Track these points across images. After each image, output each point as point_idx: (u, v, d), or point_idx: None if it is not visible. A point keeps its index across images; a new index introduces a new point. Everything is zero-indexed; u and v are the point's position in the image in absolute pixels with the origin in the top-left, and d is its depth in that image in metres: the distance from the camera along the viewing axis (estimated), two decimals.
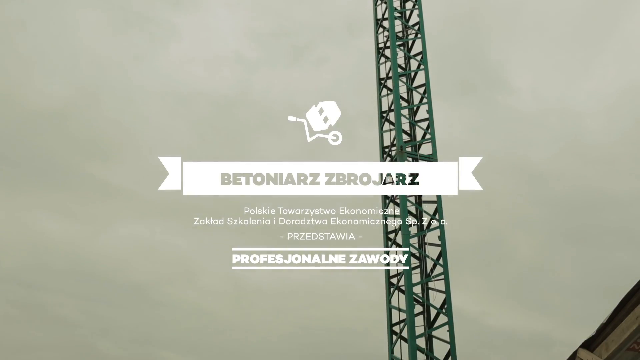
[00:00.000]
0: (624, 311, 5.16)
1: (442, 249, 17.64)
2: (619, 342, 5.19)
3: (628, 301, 5.11)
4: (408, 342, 16.83)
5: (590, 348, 5.45)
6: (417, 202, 18.45)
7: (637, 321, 4.98)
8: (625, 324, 5.11)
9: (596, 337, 5.41)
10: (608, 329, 5.31)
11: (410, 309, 17.04)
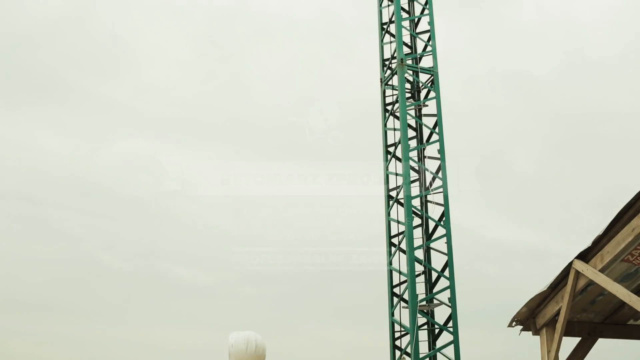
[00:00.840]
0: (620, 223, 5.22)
1: (442, 162, 17.68)
2: (614, 253, 5.28)
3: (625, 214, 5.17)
4: (406, 253, 17.12)
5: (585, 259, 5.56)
6: (417, 115, 18.38)
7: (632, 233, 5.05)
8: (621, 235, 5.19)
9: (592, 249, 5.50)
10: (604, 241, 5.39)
11: (409, 221, 17.24)
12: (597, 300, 6.21)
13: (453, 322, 16.64)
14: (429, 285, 17.50)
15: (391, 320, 17.41)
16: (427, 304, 17.02)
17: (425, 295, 17.24)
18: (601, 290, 5.89)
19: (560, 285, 5.98)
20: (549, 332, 6.15)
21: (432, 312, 17.26)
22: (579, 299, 6.09)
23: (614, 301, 6.24)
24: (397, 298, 17.41)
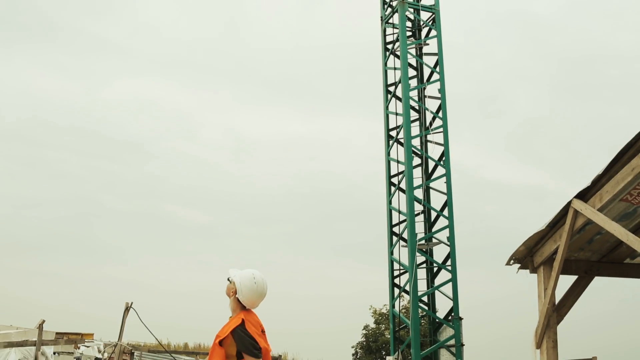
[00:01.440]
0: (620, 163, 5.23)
1: (442, 101, 17.59)
2: (613, 192, 5.30)
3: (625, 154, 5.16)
4: (406, 193, 17.21)
5: (584, 199, 5.58)
6: (417, 54, 18.19)
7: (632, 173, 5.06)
8: (621, 175, 5.20)
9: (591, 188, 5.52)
10: (603, 181, 5.41)
11: (409, 161, 17.26)
12: (594, 239, 6.27)
13: (451, 261, 16.85)
14: (428, 225, 17.65)
15: (390, 258, 17.63)
16: (426, 243, 17.20)
17: (424, 234, 17.40)
18: (599, 229, 5.94)
19: (558, 225, 6.02)
20: (546, 270, 6.22)
21: (431, 251, 17.46)
22: (577, 238, 6.14)
23: (611, 240, 6.30)
24: (397, 237, 17.57)
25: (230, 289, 4.94)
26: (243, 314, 4.87)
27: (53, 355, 17.36)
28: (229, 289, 4.95)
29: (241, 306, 4.90)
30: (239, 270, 4.97)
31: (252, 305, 4.94)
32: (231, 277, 4.95)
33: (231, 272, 4.98)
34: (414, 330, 16.08)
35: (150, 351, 22.57)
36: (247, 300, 4.91)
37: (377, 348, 38.23)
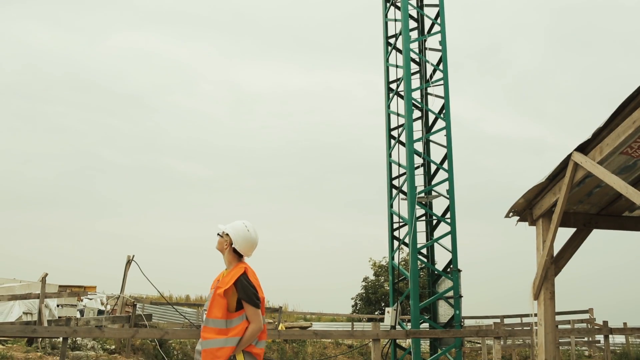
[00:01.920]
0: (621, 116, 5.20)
1: (443, 54, 17.44)
2: (614, 145, 5.29)
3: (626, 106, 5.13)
4: (406, 146, 17.20)
5: (584, 151, 5.57)
6: (418, 5, 17.94)
7: (633, 125, 5.04)
8: (622, 128, 5.18)
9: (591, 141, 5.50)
10: (604, 133, 5.39)
11: (409, 113, 17.21)
12: (593, 192, 6.28)
13: (451, 214, 16.95)
14: (427, 178, 17.70)
15: (390, 211, 17.73)
16: (425, 196, 17.27)
17: (423, 187, 17.46)
18: (598, 182, 5.95)
19: (558, 177, 6.02)
20: (545, 222, 6.25)
21: (431, 204, 17.54)
22: (576, 191, 6.16)
23: (611, 193, 6.31)
24: (396, 190, 17.64)
25: (222, 243, 4.99)
26: (244, 264, 4.93)
27: (57, 308, 17.60)
28: (221, 243, 5.01)
29: (237, 257, 4.97)
30: (227, 224, 5.05)
31: (247, 254, 5.02)
32: (224, 230, 5.01)
33: (220, 226, 5.04)
34: (413, 282, 16.27)
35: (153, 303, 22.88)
36: (243, 249, 4.97)
37: (376, 300, 38.82)
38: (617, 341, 24.85)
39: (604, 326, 14.17)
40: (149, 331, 12.01)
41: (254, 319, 4.69)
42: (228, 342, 4.57)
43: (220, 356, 4.53)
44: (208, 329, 4.63)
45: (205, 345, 4.58)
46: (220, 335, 4.59)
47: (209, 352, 4.56)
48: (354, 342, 23.63)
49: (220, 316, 4.62)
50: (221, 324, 4.62)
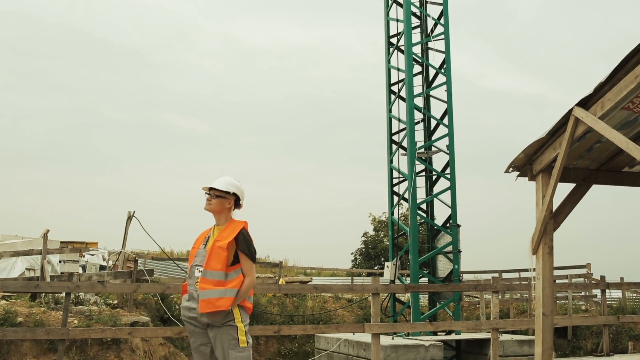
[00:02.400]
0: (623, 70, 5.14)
1: (444, 7, 17.21)
2: (615, 100, 5.25)
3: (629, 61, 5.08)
4: (406, 101, 17.12)
5: (585, 107, 5.53)
6: None
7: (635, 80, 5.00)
8: (624, 83, 5.13)
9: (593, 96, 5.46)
10: (605, 88, 5.34)
11: (410, 68, 17.08)
12: (594, 147, 6.26)
13: (450, 169, 16.97)
14: (427, 133, 17.66)
15: (390, 167, 17.74)
16: (425, 151, 17.26)
17: (423, 142, 17.46)
18: (599, 137, 5.92)
19: (558, 132, 5.99)
20: (544, 178, 6.25)
21: (430, 159, 17.56)
22: (576, 146, 6.14)
23: (611, 148, 6.29)
24: (396, 145, 17.62)
25: (224, 203, 4.91)
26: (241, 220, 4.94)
27: (59, 264, 17.76)
28: (222, 203, 4.90)
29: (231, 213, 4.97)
30: (221, 182, 4.93)
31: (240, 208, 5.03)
32: (226, 189, 4.91)
33: (220, 186, 4.91)
34: (413, 237, 16.38)
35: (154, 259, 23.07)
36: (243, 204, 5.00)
37: (375, 254, 39.17)
38: (614, 296, 25.16)
39: (601, 281, 14.32)
40: (151, 286, 12.14)
41: (249, 273, 4.75)
42: (227, 293, 4.62)
43: (220, 306, 4.58)
44: (206, 280, 4.66)
45: (204, 296, 4.62)
46: (219, 287, 4.63)
47: (208, 301, 4.60)
48: (353, 297, 23.91)
49: (219, 268, 4.66)
50: (220, 275, 4.65)
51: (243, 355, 4.61)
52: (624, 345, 18.61)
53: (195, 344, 4.82)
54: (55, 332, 9.36)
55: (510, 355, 14.37)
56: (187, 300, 4.83)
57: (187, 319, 4.82)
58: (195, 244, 4.99)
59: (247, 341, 4.68)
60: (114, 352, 12.94)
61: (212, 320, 4.63)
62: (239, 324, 4.67)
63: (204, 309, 4.60)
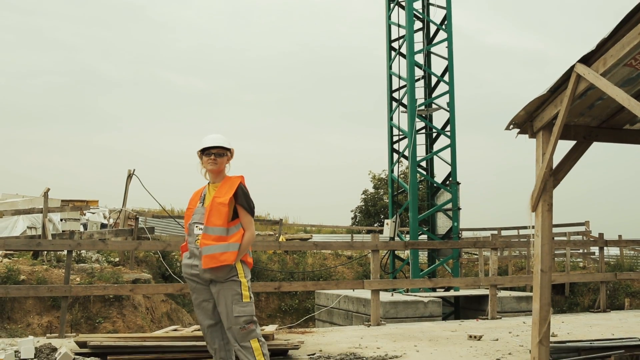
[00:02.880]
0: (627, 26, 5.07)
1: None
2: (618, 57, 5.19)
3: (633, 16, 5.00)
4: (406, 58, 16.98)
5: (588, 63, 5.47)
6: None
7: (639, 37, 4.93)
8: (627, 39, 5.06)
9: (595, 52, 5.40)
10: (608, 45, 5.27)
11: (410, 25, 16.89)
12: (595, 104, 6.22)
13: (451, 127, 16.92)
14: (428, 90, 17.56)
15: (390, 124, 17.69)
16: (425, 108, 17.19)
17: (424, 99, 17.37)
18: (601, 94, 5.88)
19: (560, 89, 5.94)
20: (545, 135, 6.22)
21: (431, 117, 17.49)
22: (578, 103, 6.09)
23: (612, 105, 6.25)
24: (396, 102, 17.54)
25: (225, 160, 4.91)
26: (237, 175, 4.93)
27: (60, 222, 17.83)
28: (222, 162, 4.89)
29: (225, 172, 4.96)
30: (221, 139, 4.89)
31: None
32: (226, 145, 4.89)
33: (224, 143, 4.87)
34: (412, 194, 16.42)
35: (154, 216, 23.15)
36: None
37: (375, 212, 39.32)
38: (612, 253, 25.35)
39: (600, 238, 14.39)
40: (152, 243, 12.22)
41: (249, 227, 4.78)
42: (230, 247, 4.66)
43: (224, 260, 4.62)
44: (208, 237, 4.68)
45: (207, 251, 4.64)
46: (221, 242, 4.66)
47: (211, 257, 4.63)
48: (353, 254, 24.09)
49: (221, 224, 4.68)
50: (222, 231, 4.68)
51: (246, 310, 4.65)
52: (621, 301, 18.84)
53: (197, 301, 4.86)
54: (57, 290, 9.45)
55: (508, 312, 14.54)
56: (189, 258, 4.85)
57: (189, 276, 4.85)
58: (190, 204, 4.99)
59: (249, 296, 4.73)
60: (116, 309, 13.09)
61: (216, 276, 4.67)
62: (242, 279, 4.71)
63: (208, 264, 4.63)
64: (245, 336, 4.63)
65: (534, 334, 6.25)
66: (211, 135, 4.90)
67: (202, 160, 4.91)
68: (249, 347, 4.64)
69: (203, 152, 4.87)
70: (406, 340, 8.79)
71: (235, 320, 4.61)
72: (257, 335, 4.69)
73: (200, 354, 6.81)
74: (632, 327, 10.35)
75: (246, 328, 4.63)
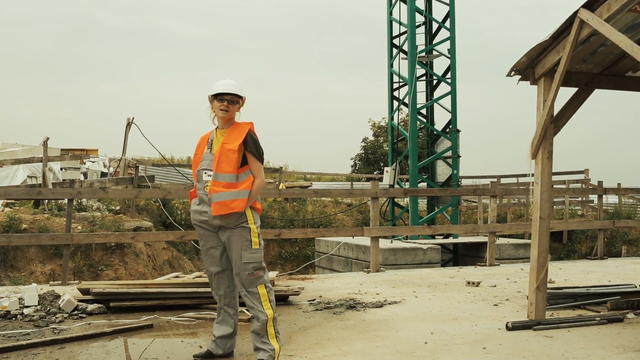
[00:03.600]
0: None
1: None
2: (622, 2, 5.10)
3: None
4: (407, 3, 16.72)
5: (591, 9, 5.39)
6: None
7: None
8: None
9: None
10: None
11: None
12: (598, 50, 6.14)
13: (451, 74, 16.77)
14: (429, 36, 17.35)
15: (390, 71, 17.53)
16: (426, 55, 17.02)
17: (424, 46, 17.18)
18: (604, 40, 5.80)
19: (562, 35, 5.86)
20: (546, 81, 6.17)
21: (431, 63, 17.31)
22: (580, 50, 6.02)
23: (615, 52, 6.17)
24: (397, 49, 17.35)
25: (236, 108, 4.82)
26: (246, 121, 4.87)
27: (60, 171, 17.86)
28: (235, 109, 4.81)
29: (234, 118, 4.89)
30: (234, 86, 4.82)
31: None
32: (242, 93, 4.81)
33: (237, 90, 4.78)
34: (412, 142, 16.39)
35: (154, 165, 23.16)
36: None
37: (375, 160, 39.36)
38: (611, 201, 25.46)
39: (599, 186, 14.41)
40: (152, 191, 12.23)
41: (258, 174, 4.75)
42: (240, 194, 4.64)
43: (235, 207, 4.61)
44: (217, 183, 4.65)
45: (218, 198, 4.61)
46: (231, 189, 4.64)
47: (222, 204, 4.61)
48: (353, 201, 24.21)
49: (230, 171, 4.63)
50: (231, 178, 4.64)
51: (255, 257, 4.67)
52: (618, 249, 19.02)
53: (205, 247, 4.87)
54: (59, 238, 9.52)
55: (506, 258, 14.70)
56: (198, 204, 4.83)
57: (197, 223, 4.85)
58: (197, 150, 4.93)
59: (259, 242, 4.73)
60: (118, 257, 13.22)
61: (225, 223, 4.66)
62: (252, 225, 4.71)
63: (219, 212, 4.61)
64: (253, 282, 4.66)
65: (532, 280, 6.32)
66: (225, 80, 4.80)
67: (212, 105, 4.80)
68: (256, 293, 4.68)
69: (215, 97, 4.78)
70: (405, 286, 8.90)
71: (244, 267, 4.64)
72: (265, 282, 4.72)
73: (201, 300, 6.90)
74: (628, 274, 10.47)
75: (254, 274, 4.66)
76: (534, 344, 5.33)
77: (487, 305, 7.33)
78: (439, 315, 6.69)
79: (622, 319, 6.32)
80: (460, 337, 5.59)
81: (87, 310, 6.53)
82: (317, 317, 6.56)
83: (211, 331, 5.14)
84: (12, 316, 6.30)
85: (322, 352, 5.06)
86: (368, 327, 6.03)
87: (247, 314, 6.29)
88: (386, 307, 7.17)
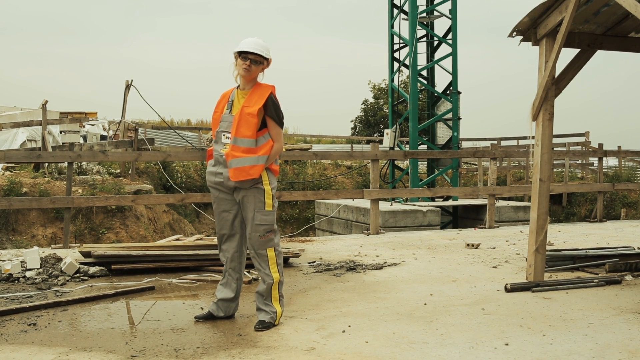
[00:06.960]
0: None
1: None
2: None
3: None
4: None
5: None
6: None
7: None
8: None
9: None
10: None
11: None
12: (601, 10, 6.06)
13: (452, 35, 16.61)
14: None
15: (390, 32, 17.35)
16: (427, 16, 16.83)
17: (425, 6, 16.98)
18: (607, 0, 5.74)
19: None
20: (548, 42, 6.10)
21: (432, 24, 17.13)
22: (583, 9, 5.94)
23: (618, 12, 6.09)
24: (397, 9, 17.15)
25: (260, 68, 4.71)
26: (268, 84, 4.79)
27: (60, 134, 17.81)
28: (257, 70, 4.71)
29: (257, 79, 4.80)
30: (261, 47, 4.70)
31: None
32: (268, 55, 4.71)
33: (263, 52, 4.67)
34: (412, 104, 16.31)
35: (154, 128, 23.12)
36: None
37: (375, 122, 39.22)
38: (611, 164, 25.44)
39: (599, 149, 14.38)
40: (152, 154, 12.20)
41: (278, 139, 4.72)
42: (259, 160, 4.62)
43: (253, 173, 4.59)
44: (237, 148, 4.60)
45: (237, 164, 4.58)
46: (250, 154, 4.61)
47: (241, 169, 4.58)
48: (353, 163, 24.20)
49: (249, 135, 4.59)
50: (251, 142, 4.61)
51: (267, 219, 4.67)
52: (617, 212, 19.08)
53: (218, 210, 4.84)
54: (60, 201, 9.53)
55: (506, 221, 14.75)
56: (213, 166, 4.80)
57: (212, 184, 4.82)
58: (217, 108, 4.85)
59: (272, 205, 4.72)
60: (119, 220, 13.27)
61: (241, 184, 4.65)
62: (267, 186, 4.69)
63: (237, 177, 4.58)
64: (263, 244, 4.67)
65: (531, 242, 6.35)
66: (252, 38, 4.70)
67: (236, 62, 4.74)
68: (265, 255, 4.70)
69: (240, 54, 4.72)
70: (405, 248, 8.95)
71: (256, 228, 4.65)
72: (275, 245, 4.73)
73: (202, 262, 6.95)
74: (627, 236, 10.52)
75: (265, 236, 4.67)
76: (532, 305, 5.37)
77: (486, 267, 7.38)
78: (438, 277, 6.74)
79: (620, 281, 6.36)
80: (459, 299, 5.64)
81: (89, 273, 6.58)
82: (317, 279, 6.61)
83: (212, 293, 5.17)
84: (15, 279, 6.35)
85: (322, 313, 5.11)
86: (368, 289, 6.08)
87: (248, 276, 6.33)
88: (386, 269, 7.22)
